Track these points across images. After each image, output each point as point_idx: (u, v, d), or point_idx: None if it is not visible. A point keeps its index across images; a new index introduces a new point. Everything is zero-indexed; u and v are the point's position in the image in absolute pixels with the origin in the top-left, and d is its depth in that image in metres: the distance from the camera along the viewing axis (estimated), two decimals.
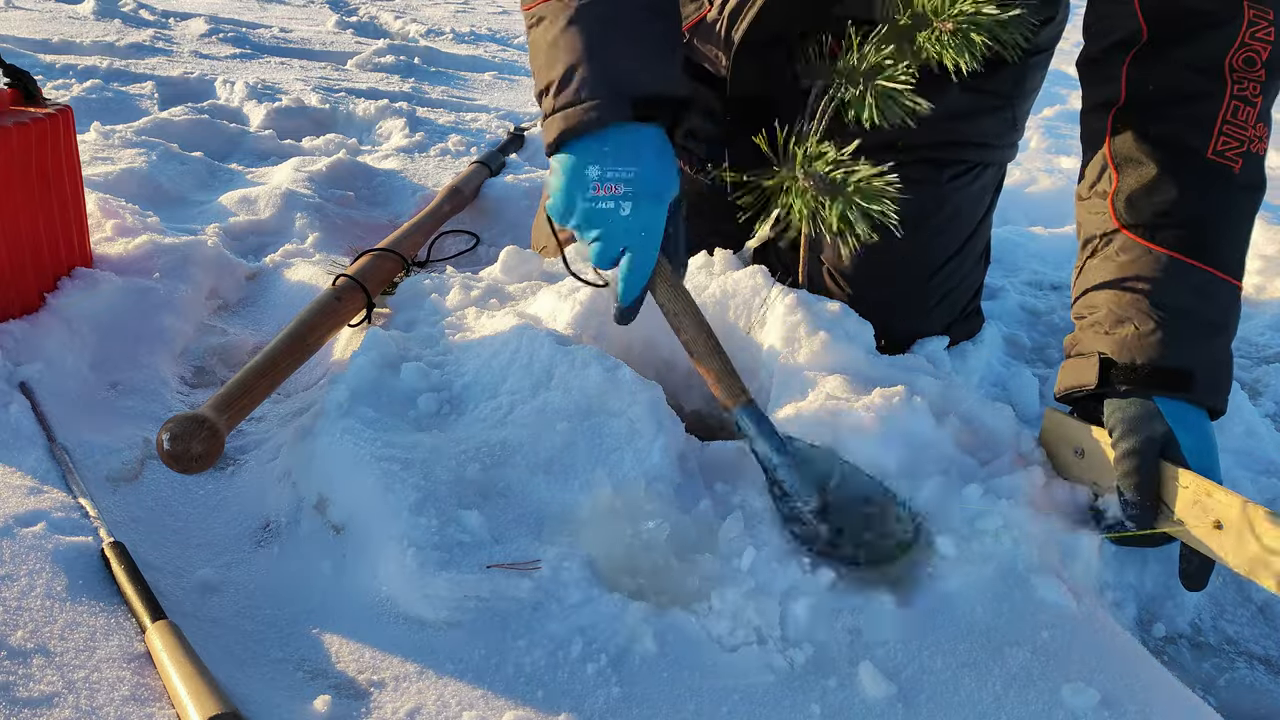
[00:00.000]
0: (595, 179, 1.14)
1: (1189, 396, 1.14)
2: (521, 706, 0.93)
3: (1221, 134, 1.18)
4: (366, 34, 4.82)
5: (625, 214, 1.14)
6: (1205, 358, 1.16)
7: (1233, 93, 1.18)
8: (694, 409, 1.45)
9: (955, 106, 1.47)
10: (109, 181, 2.11)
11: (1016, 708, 0.98)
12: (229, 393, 1.16)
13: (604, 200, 1.14)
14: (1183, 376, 1.14)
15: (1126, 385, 1.16)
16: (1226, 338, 1.19)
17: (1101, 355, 1.18)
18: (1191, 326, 1.16)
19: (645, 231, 1.15)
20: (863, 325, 1.38)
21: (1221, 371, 1.18)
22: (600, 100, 1.13)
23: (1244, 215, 1.21)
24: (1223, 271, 1.19)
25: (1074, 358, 1.24)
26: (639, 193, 1.14)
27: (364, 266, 1.60)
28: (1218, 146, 1.18)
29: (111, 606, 1.00)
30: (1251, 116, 1.19)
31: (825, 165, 1.24)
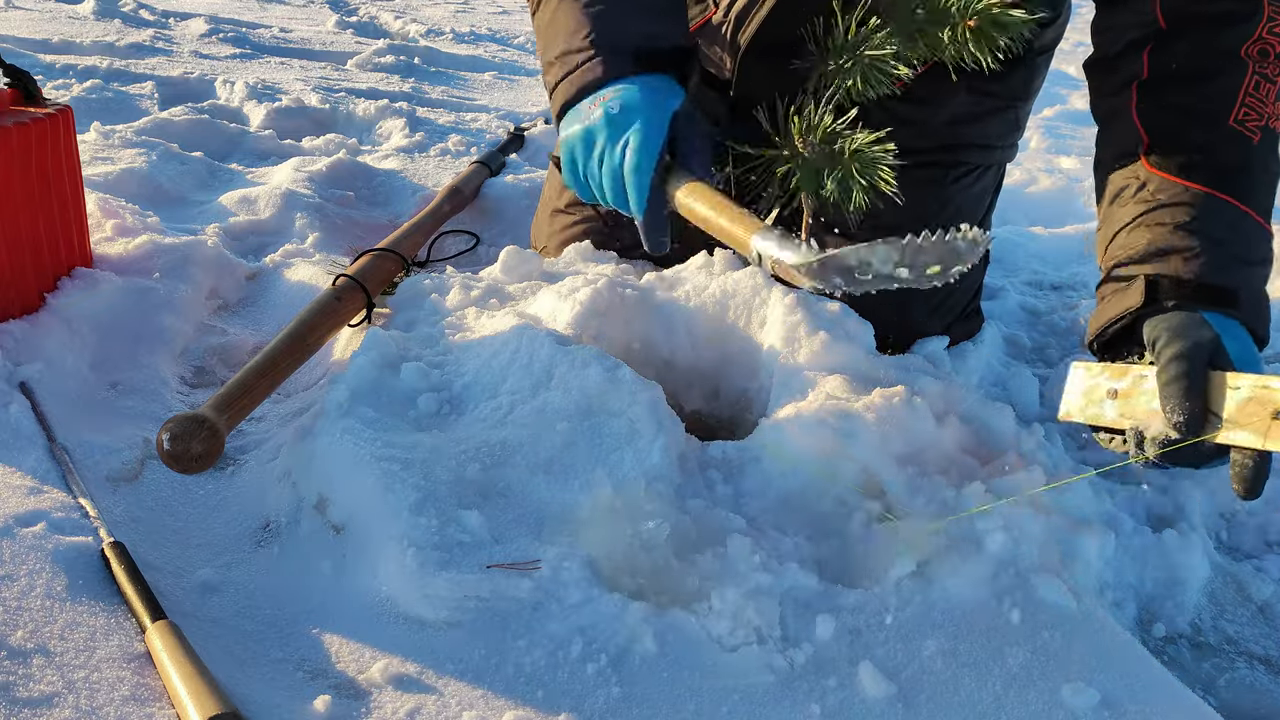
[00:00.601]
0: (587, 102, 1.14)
1: (1235, 313, 1.11)
2: (521, 706, 0.93)
3: (1243, 105, 1.20)
4: (366, 34, 4.82)
5: (615, 111, 1.13)
6: (1247, 280, 1.15)
7: (1254, 70, 1.21)
8: (694, 409, 1.45)
9: (961, 110, 1.47)
10: (109, 181, 2.11)
11: (1016, 708, 0.98)
12: (229, 393, 1.16)
13: (597, 110, 1.14)
14: (1228, 294, 1.12)
15: (1173, 300, 1.12)
16: (1264, 271, 1.19)
17: (1147, 276, 1.15)
18: (1228, 255, 1.15)
19: (646, 114, 1.12)
20: (863, 325, 1.38)
21: (1262, 300, 1.16)
22: (601, 58, 1.14)
23: (1268, 176, 1.22)
24: (1252, 209, 1.19)
25: (1112, 294, 1.20)
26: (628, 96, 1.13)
27: (364, 266, 1.60)
28: (1239, 116, 1.20)
29: (111, 606, 1.00)
30: (1272, 93, 1.21)
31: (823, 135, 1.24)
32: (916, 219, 1.50)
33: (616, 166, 1.15)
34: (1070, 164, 3.23)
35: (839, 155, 1.20)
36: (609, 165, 1.15)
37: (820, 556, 1.13)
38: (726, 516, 1.13)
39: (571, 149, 1.17)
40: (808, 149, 1.20)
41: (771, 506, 1.18)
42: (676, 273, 1.48)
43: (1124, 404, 1.09)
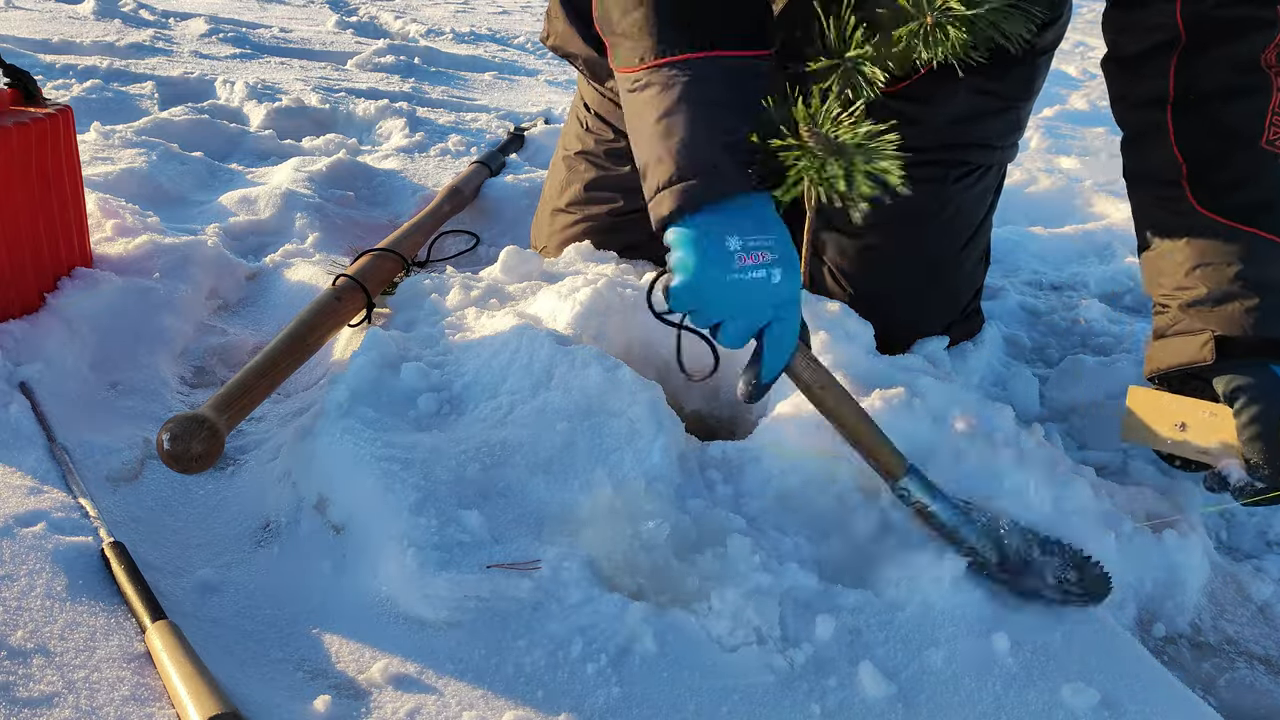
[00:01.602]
0: (739, 249, 1.04)
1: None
2: (521, 706, 0.93)
3: (1272, 124, 1.24)
4: (366, 34, 4.82)
5: (776, 282, 1.05)
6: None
7: (1278, 85, 1.24)
8: (694, 409, 1.45)
9: (962, 109, 1.47)
10: (109, 181, 2.11)
11: (1016, 708, 0.98)
12: (229, 393, 1.16)
13: (754, 270, 1.04)
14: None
15: (1241, 356, 1.21)
16: None
17: (1215, 333, 1.23)
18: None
19: (792, 300, 1.07)
20: (863, 325, 1.38)
21: None
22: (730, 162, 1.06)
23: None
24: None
25: (1174, 336, 1.28)
26: (783, 259, 1.06)
27: (364, 266, 1.60)
28: (1270, 136, 1.24)
29: (111, 606, 1.00)
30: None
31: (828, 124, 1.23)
32: (917, 218, 1.50)
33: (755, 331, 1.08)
34: (1070, 164, 3.23)
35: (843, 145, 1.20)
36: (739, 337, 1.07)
37: (820, 556, 1.13)
38: (726, 516, 1.13)
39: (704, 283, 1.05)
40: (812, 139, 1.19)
41: (771, 506, 1.18)
42: None
43: (1197, 439, 1.23)
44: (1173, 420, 1.25)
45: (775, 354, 1.08)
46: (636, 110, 1.15)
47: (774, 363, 1.09)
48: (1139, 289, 2.14)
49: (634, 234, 1.66)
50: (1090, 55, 5.55)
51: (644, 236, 1.65)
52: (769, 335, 1.08)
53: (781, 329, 1.08)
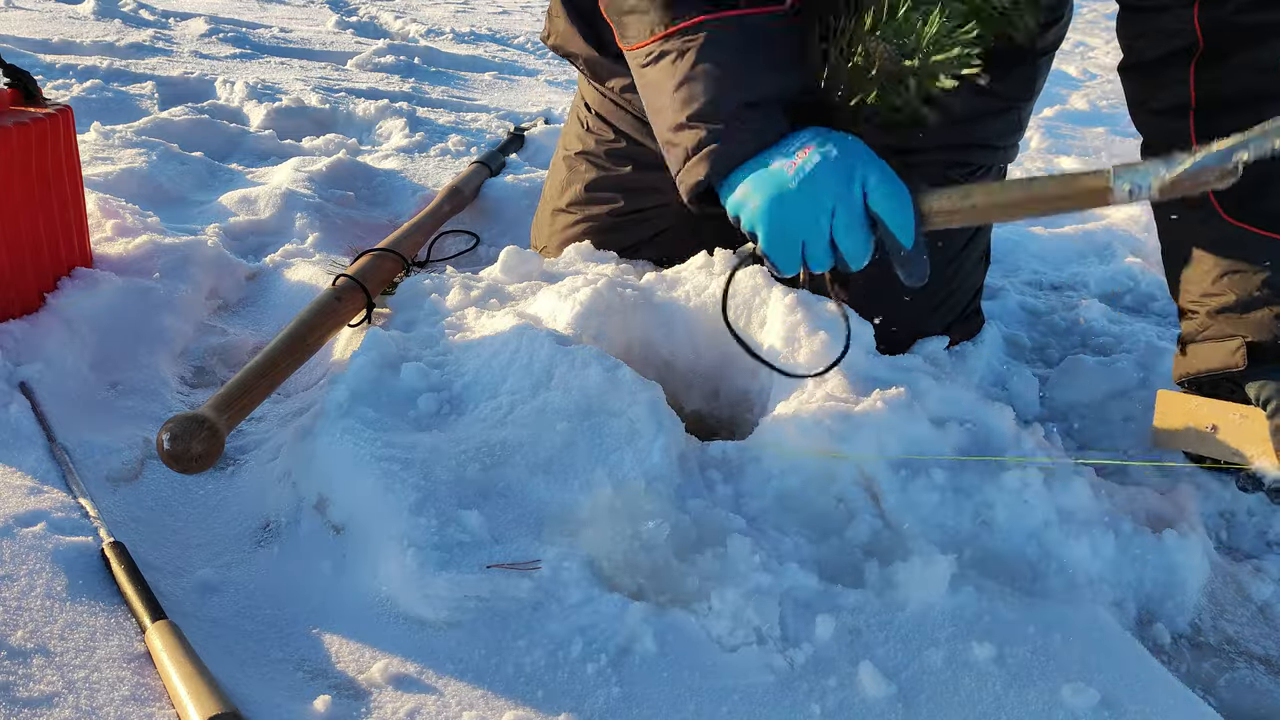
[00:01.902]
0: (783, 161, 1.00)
1: None
2: (521, 706, 0.93)
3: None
4: (366, 34, 4.82)
5: (835, 155, 1.01)
6: None
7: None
8: (694, 409, 1.45)
9: (964, 110, 1.47)
10: (109, 181, 2.11)
11: (1016, 708, 0.98)
12: (229, 393, 1.16)
13: (807, 162, 1.00)
14: None
15: (1273, 363, 1.23)
16: None
17: (1246, 339, 1.25)
18: None
19: (868, 159, 1.02)
20: (863, 325, 1.38)
21: None
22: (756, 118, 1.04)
23: None
24: None
25: (1205, 342, 1.30)
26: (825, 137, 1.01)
27: (364, 266, 1.60)
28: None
29: (111, 606, 1.00)
30: None
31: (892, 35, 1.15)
32: None
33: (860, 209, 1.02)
34: (1070, 164, 3.23)
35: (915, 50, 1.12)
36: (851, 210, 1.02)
37: (820, 556, 1.13)
38: (726, 516, 1.13)
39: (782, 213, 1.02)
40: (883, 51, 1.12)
41: (771, 506, 1.18)
42: (676, 273, 1.48)
43: (1230, 441, 1.25)
44: (1204, 423, 1.27)
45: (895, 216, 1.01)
46: (653, 83, 1.12)
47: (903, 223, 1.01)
48: (1139, 289, 2.14)
49: (634, 234, 1.66)
50: (1090, 55, 5.55)
51: (644, 237, 1.66)
52: (874, 202, 1.02)
53: (879, 185, 1.01)
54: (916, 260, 1.05)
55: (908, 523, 1.16)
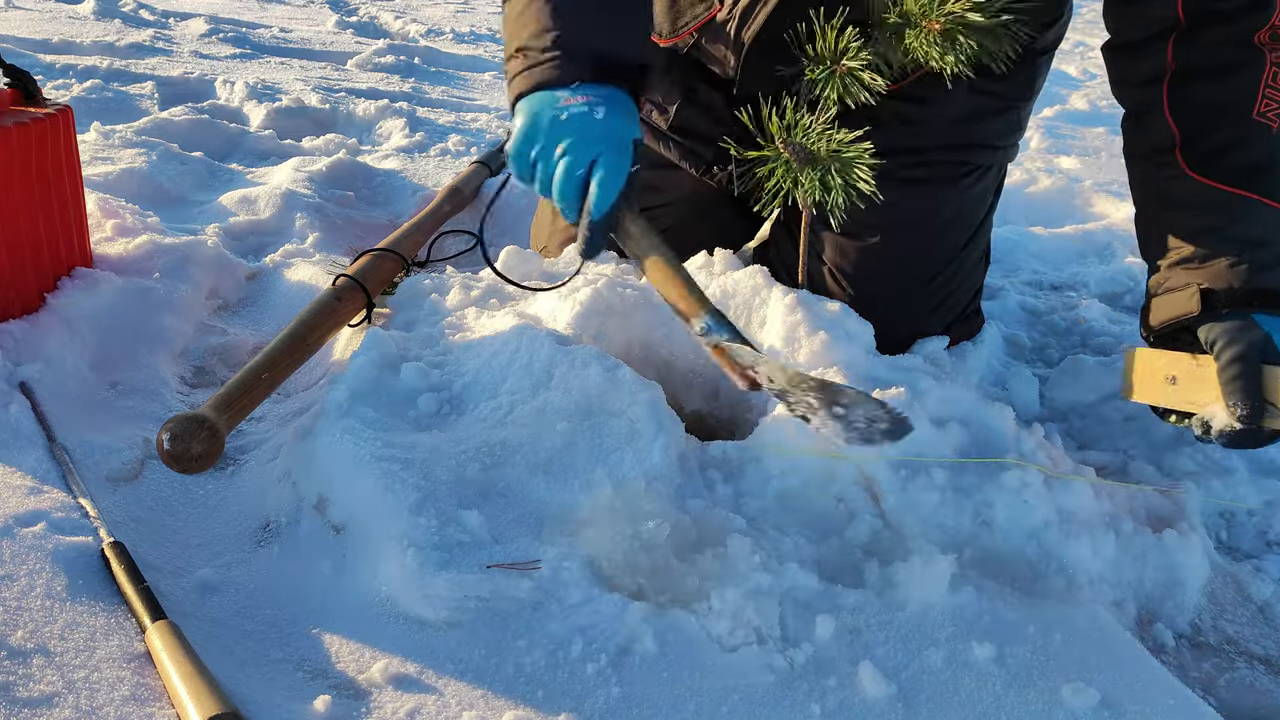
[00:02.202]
0: (565, 95, 1.14)
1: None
2: (521, 706, 0.93)
3: (1265, 97, 1.29)
4: (366, 34, 4.82)
5: (599, 117, 1.13)
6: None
7: (1272, 60, 1.29)
8: (694, 409, 1.45)
9: (963, 110, 1.47)
10: (109, 181, 2.11)
11: (1016, 708, 0.98)
12: (229, 393, 1.16)
13: (575, 107, 1.13)
14: (1274, 295, 1.25)
15: (1227, 308, 1.25)
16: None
17: (1200, 286, 1.27)
18: (1270, 255, 1.27)
19: (618, 137, 1.14)
20: (863, 325, 1.38)
21: None
22: (561, 59, 1.15)
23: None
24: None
25: (1165, 294, 1.32)
26: (608, 101, 1.14)
27: (364, 266, 1.60)
28: (1261, 108, 1.29)
29: (111, 606, 1.00)
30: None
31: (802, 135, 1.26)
32: (917, 219, 1.51)
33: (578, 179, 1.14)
34: (1070, 164, 3.23)
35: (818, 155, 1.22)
36: (569, 173, 1.14)
37: (820, 556, 1.13)
38: (726, 516, 1.13)
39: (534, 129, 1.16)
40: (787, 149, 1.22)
41: (771, 506, 1.18)
42: None
43: (1184, 390, 1.25)
44: (1164, 374, 1.28)
45: (603, 191, 1.13)
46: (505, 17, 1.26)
47: (602, 200, 1.13)
48: (1139, 289, 2.14)
49: None
50: (1090, 55, 5.55)
51: None
52: (596, 173, 1.13)
53: (607, 165, 1.13)
54: (593, 238, 1.15)
55: (908, 521, 1.16)
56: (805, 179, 1.23)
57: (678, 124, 1.61)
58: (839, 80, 1.27)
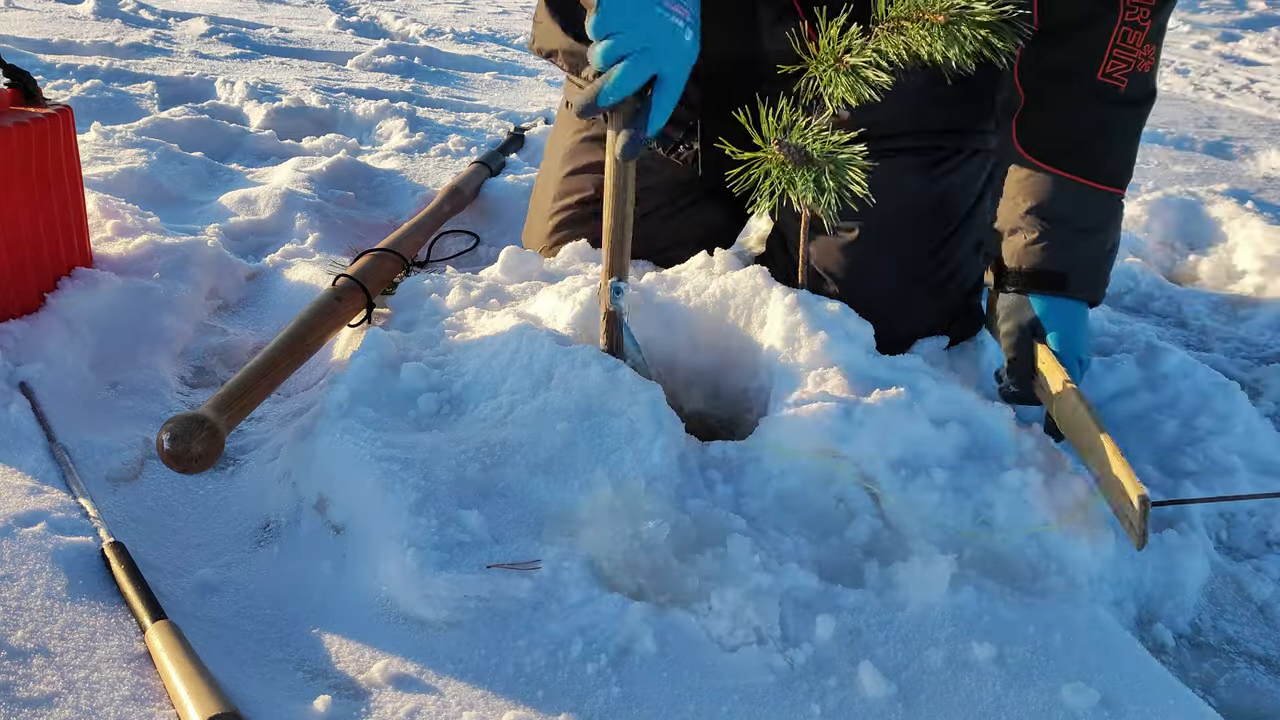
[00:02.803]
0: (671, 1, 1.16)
1: (1063, 293, 1.39)
2: (521, 706, 0.93)
3: (1111, 57, 1.35)
4: (366, 34, 4.82)
5: (688, 39, 1.16)
6: (1082, 258, 1.39)
7: (1124, 19, 1.34)
8: (694, 409, 1.45)
9: (922, 92, 1.47)
10: (109, 181, 2.11)
11: (1016, 708, 0.98)
12: (229, 393, 1.16)
13: (675, 16, 1.15)
14: (1057, 277, 1.38)
15: (1012, 287, 1.41)
16: (1104, 238, 1.41)
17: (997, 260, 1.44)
18: (1069, 231, 1.38)
19: (688, 60, 1.17)
20: (863, 325, 1.38)
21: (1097, 268, 1.42)
22: None
23: (1129, 127, 1.41)
24: (1099, 182, 1.39)
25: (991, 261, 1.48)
26: (696, 25, 1.18)
27: (364, 266, 1.60)
28: (1106, 69, 1.35)
29: (111, 606, 1.00)
30: (1140, 39, 1.35)
31: (797, 136, 1.26)
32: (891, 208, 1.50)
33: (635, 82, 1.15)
34: None
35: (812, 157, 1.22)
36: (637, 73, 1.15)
37: (820, 556, 1.13)
38: (726, 516, 1.13)
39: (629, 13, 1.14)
40: (782, 150, 1.22)
41: (771, 506, 1.18)
42: (676, 273, 1.48)
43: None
44: None
45: (661, 107, 1.17)
46: None
47: (659, 115, 1.17)
48: (1139, 289, 2.15)
49: None
50: None
51: None
52: (660, 87, 1.16)
53: (674, 84, 1.17)
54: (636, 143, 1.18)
55: (908, 521, 1.16)
56: (800, 180, 1.23)
57: None
58: (842, 78, 1.26)
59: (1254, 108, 4.40)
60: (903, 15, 1.23)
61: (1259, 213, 2.48)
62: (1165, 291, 2.14)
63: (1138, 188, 2.71)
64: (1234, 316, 2.08)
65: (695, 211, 1.69)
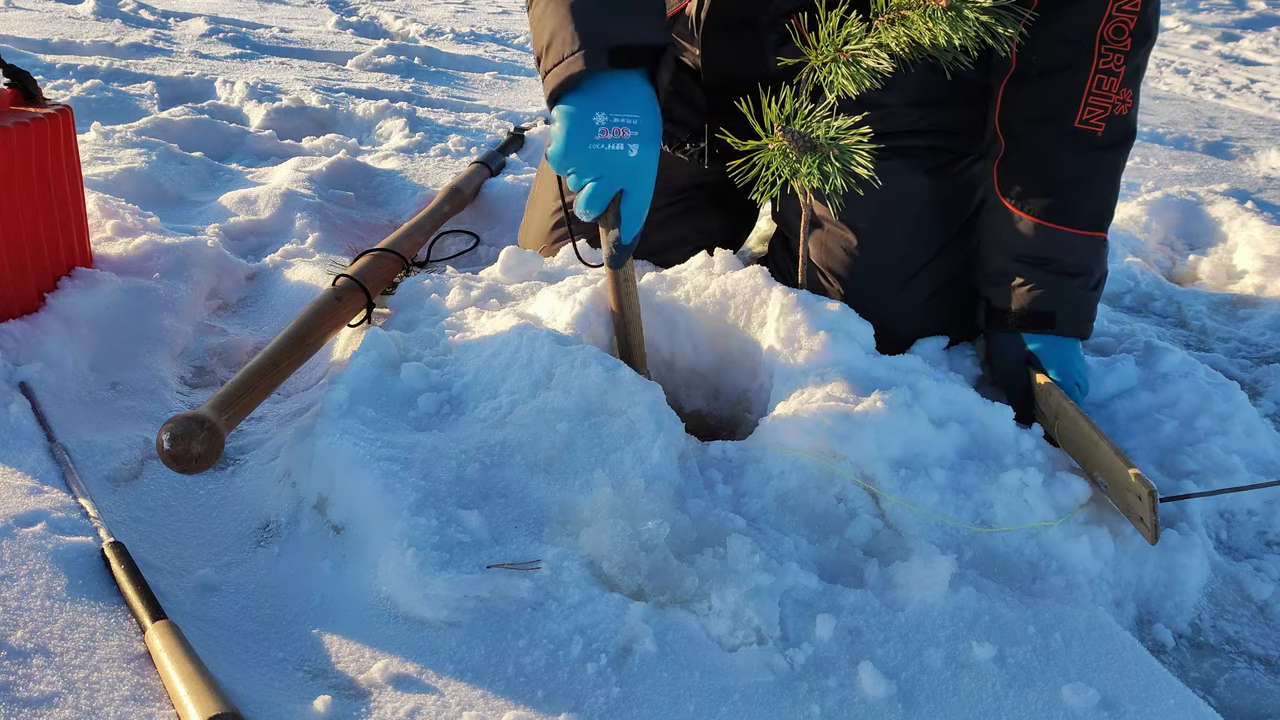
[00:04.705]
0: (603, 124, 1.21)
1: (1052, 331, 1.43)
2: (521, 706, 0.93)
3: (1087, 105, 1.38)
4: (366, 34, 4.82)
5: (633, 155, 1.22)
6: (1067, 298, 1.43)
7: (1097, 67, 1.37)
8: (694, 409, 1.45)
9: (921, 91, 1.47)
10: (109, 181, 2.11)
11: (1016, 708, 0.98)
12: (229, 393, 1.16)
13: (612, 143, 1.21)
14: (1046, 317, 1.43)
15: (1003, 326, 1.46)
16: (1087, 278, 1.44)
17: (988, 303, 1.48)
18: (1052, 274, 1.43)
19: (647, 171, 1.24)
20: (863, 325, 1.38)
21: (1082, 306, 1.45)
22: (584, 52, 1.21)
23: (1108, 171, 1.44)
24: (1079, 228, 1.42)
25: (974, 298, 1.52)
26: (643, 135, 1.22)
27: (364, 266, 1.60)
28: (1084, 116, 1.39)
29: (111, 606, 1.00)
30: (1115, 85, 1.38)
31: (800, 123, 1.26)
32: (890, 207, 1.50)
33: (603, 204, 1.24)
34: None
35: (816, 142, 1.23)
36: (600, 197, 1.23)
37: (820, 556, 1.13)
38: (726, 516, 1.13)
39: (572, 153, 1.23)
40: (786, 137, 1.22)
41: (771, 506, 1.18)
42: (677, 273, 1.48)
43: None
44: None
45: (631, 217, 1.25)
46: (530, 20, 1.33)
47: (630, 225, 1.25)
48: (1139, 289, 2.14)
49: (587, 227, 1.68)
50: None
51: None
52: (625, 201, 1.24)
53: (637, 196, 1.24)
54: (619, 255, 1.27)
55: (908, 521, 1.16)
56: (804, 166, 1.23)
57: None
58: (842, 67, 1.26)
59: (1254, 108, 4.40)
60: (903, 4, 1.23)
61: (1259, 213, 2.48)
62: (1165, 291, 2.14)
63: (1138, 187, 2.70)
64: (1234, 316, 2.08)
65: (695, 214, 1.69)
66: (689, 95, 1.61)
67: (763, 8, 1.48)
